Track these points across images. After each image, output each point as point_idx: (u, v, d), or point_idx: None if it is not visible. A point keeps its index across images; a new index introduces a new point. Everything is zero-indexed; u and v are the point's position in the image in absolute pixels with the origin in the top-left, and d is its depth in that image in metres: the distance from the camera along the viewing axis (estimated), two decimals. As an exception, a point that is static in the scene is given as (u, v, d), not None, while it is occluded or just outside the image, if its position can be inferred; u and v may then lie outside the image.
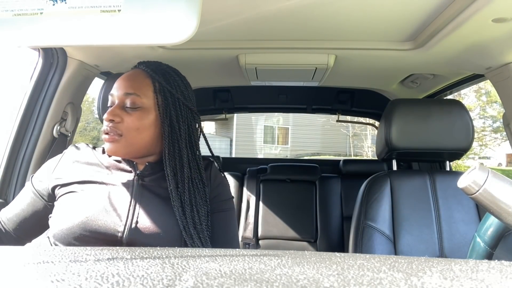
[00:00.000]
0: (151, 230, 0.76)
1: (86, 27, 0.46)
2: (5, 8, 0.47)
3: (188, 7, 0.45)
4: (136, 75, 0.84)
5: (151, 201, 0.80)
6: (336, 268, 0.30)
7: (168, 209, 0.80)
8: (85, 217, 0.73)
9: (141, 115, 0.80)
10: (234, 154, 11.97)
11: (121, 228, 0.74)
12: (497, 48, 1.09)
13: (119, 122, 0.79)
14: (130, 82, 0.82)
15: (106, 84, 1.15)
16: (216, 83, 1.87)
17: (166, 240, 0.76)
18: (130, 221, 0.75)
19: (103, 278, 0.26)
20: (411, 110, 1.23)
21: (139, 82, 0.82)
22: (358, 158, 10.57)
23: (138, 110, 0.80)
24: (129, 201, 0.78)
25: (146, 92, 0.82)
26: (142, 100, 0.81)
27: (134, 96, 0.80)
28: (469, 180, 0.52)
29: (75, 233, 0.72)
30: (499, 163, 13.05)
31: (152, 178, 0.84)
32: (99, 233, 0.73)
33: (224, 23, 1.03)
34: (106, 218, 0.74)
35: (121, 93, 0.81)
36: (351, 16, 0.99)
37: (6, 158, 1.14)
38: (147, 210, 0.78)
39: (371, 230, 1.15)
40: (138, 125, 0.80)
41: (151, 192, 0.82)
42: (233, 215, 0.93)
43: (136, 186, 0.81)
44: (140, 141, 0.81)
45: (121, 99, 0.81)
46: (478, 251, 0.62)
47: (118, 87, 0.83)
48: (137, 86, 0.82)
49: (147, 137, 0.82)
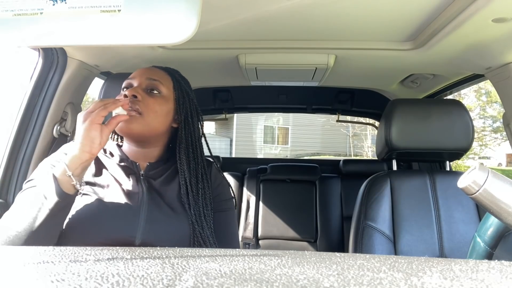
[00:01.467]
0: (162, 233, 0.76)
1: (86, 27, 0.46)
2: (5, 8, 0.47)
3: (188, 7, 0.45)
4: (156, 69, 0.88)
5: (160, 204, 0.80)
6: (336, 268, 0.30)
7: (177, 209, 0.80)
8: (99, 225, 0.72)
9: (160, 101, 0.83)
10: (234, 154, 11.97)
11: (134, 233, 0.74)
12: (497, 48, 1.09)
13: (140, 100, 0.80)
14: (153, 71, 0.87)
15: (106, 84, 1.15)
16: (216, 83, 1.88)
17: (176, 240, 0.77)
18: (142, 227, 0.75)
19: (103, 278, 0.26)
20: (411, 110, 1.23)
21: (161, 74, 0.87)
22: (358, 158, 10.56)
23: (158, 96, 0.84)
24: (139, 205, 0.78)
25: (167, 83, 0.86)
26: (163, 88, 0.85)
27: (157, 82, 0.84)
28: (469, 180, 0.52)
29: (87, 240, 0.71)
30: (499, 163, 13.05)
31: (158, 180, 0.84)
32: (112, 239, 0.72)
33: (224, 23, 1.03)
34: (119, 225, 0.74)
35: (144, 78, 0.84)
36: (351, 16, 0.99)
37: (6, 158, 1.14)
38: (158, 214, 0.78)
39: (371, 230, 1.15)
40: (157, 108, 0.82)
41: (159, 195, 0.82)
42: (233, 215, 0.93)
43: (145, 189, 0.80)
44: (156, 124, 0.82)
45: (143, 83, 0.84)
46: (478, 251, 0.62)
47: (140, 74, 0.86)
48: (160, 75, 0.86)
49: (162, 124, 0.84)
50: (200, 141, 0.90)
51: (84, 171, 0.72)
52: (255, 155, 12.53)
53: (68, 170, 0.67)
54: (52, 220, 0.67)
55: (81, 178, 0.71)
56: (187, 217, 0.80)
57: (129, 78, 0.86)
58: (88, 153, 0.69)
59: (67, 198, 0.68)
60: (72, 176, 0.67)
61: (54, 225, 0.69)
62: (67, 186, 0.68)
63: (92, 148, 0.69)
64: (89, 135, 0.68)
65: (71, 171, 0.67)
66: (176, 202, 0.82)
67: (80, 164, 0.69)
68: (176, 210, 0.80)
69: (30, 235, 0.65)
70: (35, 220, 0.65)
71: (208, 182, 0.87)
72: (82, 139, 0.68)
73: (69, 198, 0.69)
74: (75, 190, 0.69)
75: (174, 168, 0.87)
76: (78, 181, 0.69)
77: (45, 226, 0.66)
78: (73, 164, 0.68)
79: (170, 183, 0.84)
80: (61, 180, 0.67)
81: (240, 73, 1.50)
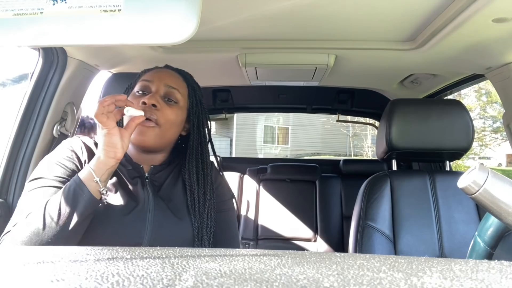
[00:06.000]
0: (168, 239, 0.76)
1: (86, 27, 0.46)
2: (5, 8, 0.47)
3: (188, 7, 0.45)
4: (173, 73, 0.86)
5: (165, 209, 0.79)
6: (336, 268, 0.30)
7: (181, 215, 0.80)
8: (107, 230, 0.72)
9: (176, 110, 0.82)
10: (234, 154, 11.97)
11: (141, 239, 0.74)
12: (497, 48, 1.09)
13: (159, 110, 0.78)
14: (172, 78, 0.84)
15: (107, 83, 1.15)
16: (216, 83, 1.87)
17: (181, 242, 0.77)
18: (149, 232, 0.75)
19: (103, 278, 0.26)
20: (411, 110, 1.23)
21: (179, 81, 0.85)
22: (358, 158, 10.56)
23: (175, 106, 0.82)
24: (146, 210, 0.77)
25: (183, 91, 0.84)
26: (180, 96, 0.83)
27: (176, 91, 0.82)
28: (469, 180, 0.52)
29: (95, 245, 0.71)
30: (499, 163, 13.04)
31: (163, 184, 0.83)
32: (119, 245, 0.72)
33: (224, 23, 1.03)
34: (126, 230, 0.73)
35: (163, 84, 0.82)
36: (351, 16, 0.99)
37: (6, 158, 1.14)
38: (163, 219, 0.78)
39: (371, 230, 1.15)
40: (174, 119, 0.81)
41: (164, 199, 0.81)
42: (233, 215, 0.93)
43: (151, 193, 0.80)
44: (169, 135, 0.82)
45: (162, 89, 0.81)
46: (478, 251, 0.62)
47: (159, 78, 0.82)
48: (178, 83, 0.84)
49: (174, 134, 0.83)
50: (208, 148, 0.89)
51: (109, 176, 0.71)
52: (255, 155, 12.52)
53: (96, 175, 0.67)
54: (79, 226, 0.66)
55: (106, 184, 0.70)
56: (190, 222, 0.80)
57: (145, 80, 0.83)
58: (113, 159, 0.68)
59: (95, 203, 0.67)
60: (100, 182, 0.67)
61: (81, 231, 0.68)
62: (94, 192, 0.67)
63: (116, 154, 0.68)
64: (110, 141, 0.67)
65: (98, 177, 0.67)
66: (180, 207, 0.81)
67: (106, 169, 0.68)
68: (180, 215, 0.80)
69: (56, 240, 0.64)
70: (67, 226, 0.64)
71: (214, 191, 0.87)
72: (105, 145, 0.67)
73: (97, 203, 0.68)
74: (100, 195, 0.68)
75: (177, 170, 0.87)
76: (104, 187, 0.68)
77: (74, 231, 0.65)
78: (100, 169, 0.67)
79: (174, 187, 0.84)
80: (88, 186, 0.66)
81: (240, 73, 1.50)
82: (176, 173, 0.86)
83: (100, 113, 0.65)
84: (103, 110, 0.66)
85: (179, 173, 0.86)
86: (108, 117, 0.66)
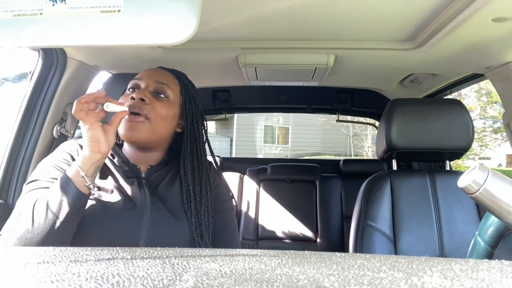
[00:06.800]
0: (165, 239, 0.76)
1: (86, 27, 0.46)
2: (5, 9, 0.47)
3: (188, 7, 0.45)
4: (164, 71, 0.87)
5: (162, 209, 0.79)
6: (336, 268, 0.30)
7: (178, 215, 0.80)
8: (104, 230, 0.72)
9: (167, 105, 0.82)
10: (234, 154, 11.97)
11: (138, 240, 0.74)
12: (497, 47, 1.09)
13: (148, 104, 0.79)
14: (162, 74, 0.85)
15: (106, 83, 1.15)
16: (216, 83, 1.87)
17: (178, 242, 0.77)
18: (146, 232, 0.75)
19: (103, 279, 0.26)
20: (411, 110, 1.23)
21: (169, 77, 0.86)
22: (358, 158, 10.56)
23: (165, 100, 0.83)
24: (143, 210, 0.77)
25: (174, 87, 0.85)
26: (170, 92, 0.84)
27: (165, 86, 0.83)
28: (469, 180, 0.52)
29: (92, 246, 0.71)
30: (499, 163, 13.04)
31: (160, 184, 0.83)
32: (116, 245, 0.72)
33: (223, 23, 1.03)
34: (123, 230, 0.73)
35: (152, 80, 0.83)
36: (351, 16, 0.99)
37: (6, 158, 1.14)
38: (160, 219, 0.78)
39: (371, 230, 1.15)
40: (164, 113, 0.81)
41: (161, 199, 0.81)
42: (233, 215, 0.93)
43: (148, 194, 0.80)
44: (161, 130, 0.82)
45: (151, 85, 0.83)
46: (478, 251, 0.62)
47: (148, 75, 0.84)
48: (168, 79, 0.85)
49: (167, 129, 0.84)
50: (204, 146, 0.90)
51: (97, 171, 0.72)
52: (255, 155, 12.52)
53: (81, 170, 0.68)
54: (68, 222, 0.67)
55: (94, 179, 0.71)
56: (188, 223, 0.80)
57: (135, 79, 0.85)
58: (98, 153, 0.69)
59: (83, 198, 0.68)
60: (86, 176, 0.68)
61: (71, 227, 0.69)
62: (81, 187, 0.68)
63: (100, 148, 0.69)
64: (93, 136, 0.68)
65: (84, 172, 0.68)
66: (178, 207, 0.81)
67: (92, 164, 0.69)
68: (178, 216, 0.80)
69: (47, 237, 0.65)
70: (54, 222, 0.65)
71: (211, 188, 0.87)
72: (88, 141, 0.69)
73: (85, 198, 0.69)
74: (88, 190, 0.70)
75: (175, 170, 0.87)
76: (91, 182, 0.69)
77: (64, 227, 0.66)
78: (85, 164, 0.68)
79: (171, 187, 0.84)
80: (75, 181, 0.68)
81: (240, 73, 1.50)
82: (173, 174, 0.86)
83: (78, 110, 0.67)
84: (81, 107, 0.67)
85: (177, 173, 0.86)
86: (88, 113, 0.68)
